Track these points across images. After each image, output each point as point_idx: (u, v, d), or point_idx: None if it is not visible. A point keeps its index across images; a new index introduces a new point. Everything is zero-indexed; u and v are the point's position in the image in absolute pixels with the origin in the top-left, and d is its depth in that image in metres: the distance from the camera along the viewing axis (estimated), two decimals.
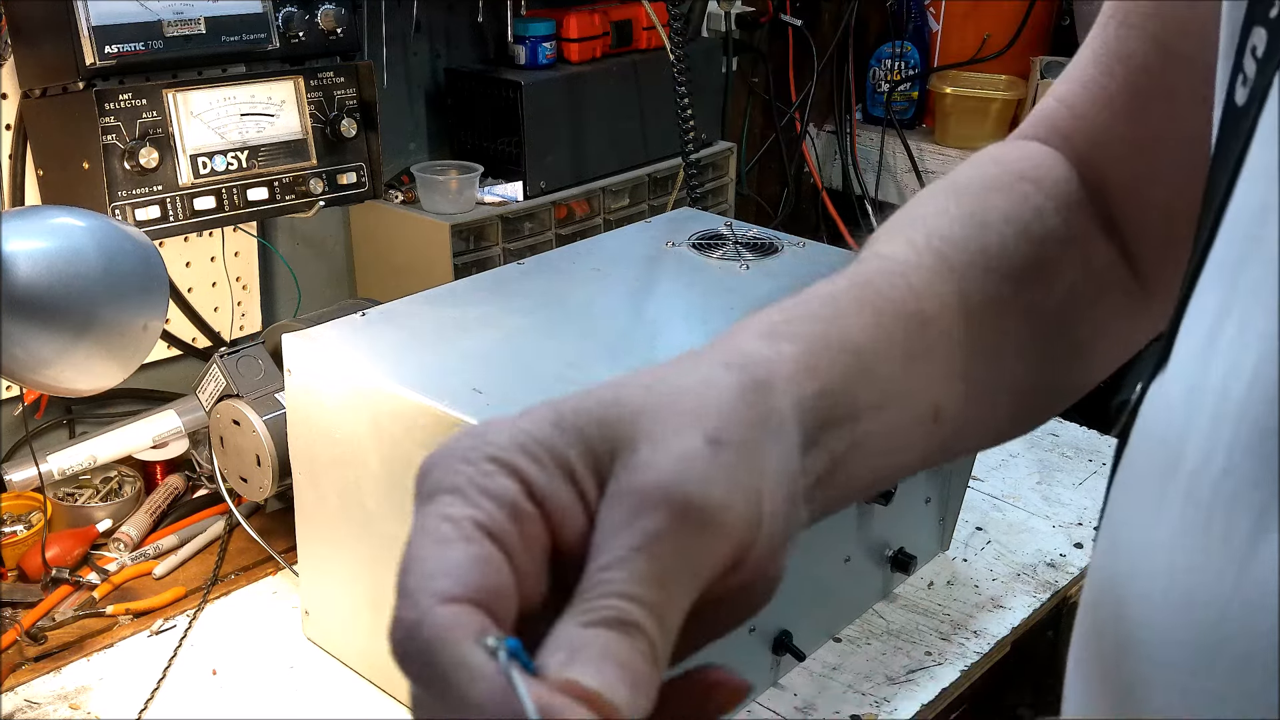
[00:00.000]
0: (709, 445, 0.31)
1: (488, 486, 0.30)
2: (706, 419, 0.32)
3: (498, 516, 0.30)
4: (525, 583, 0.30)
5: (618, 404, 0.32)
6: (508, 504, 0.30)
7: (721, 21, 1.75)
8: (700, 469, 0.30)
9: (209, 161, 1.09)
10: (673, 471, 0.30)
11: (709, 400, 0.33)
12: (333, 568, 0.94)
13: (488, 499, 0.30)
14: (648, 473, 0.30)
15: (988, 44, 1.91)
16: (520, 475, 0.30)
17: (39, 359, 0.81)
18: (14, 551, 1.06)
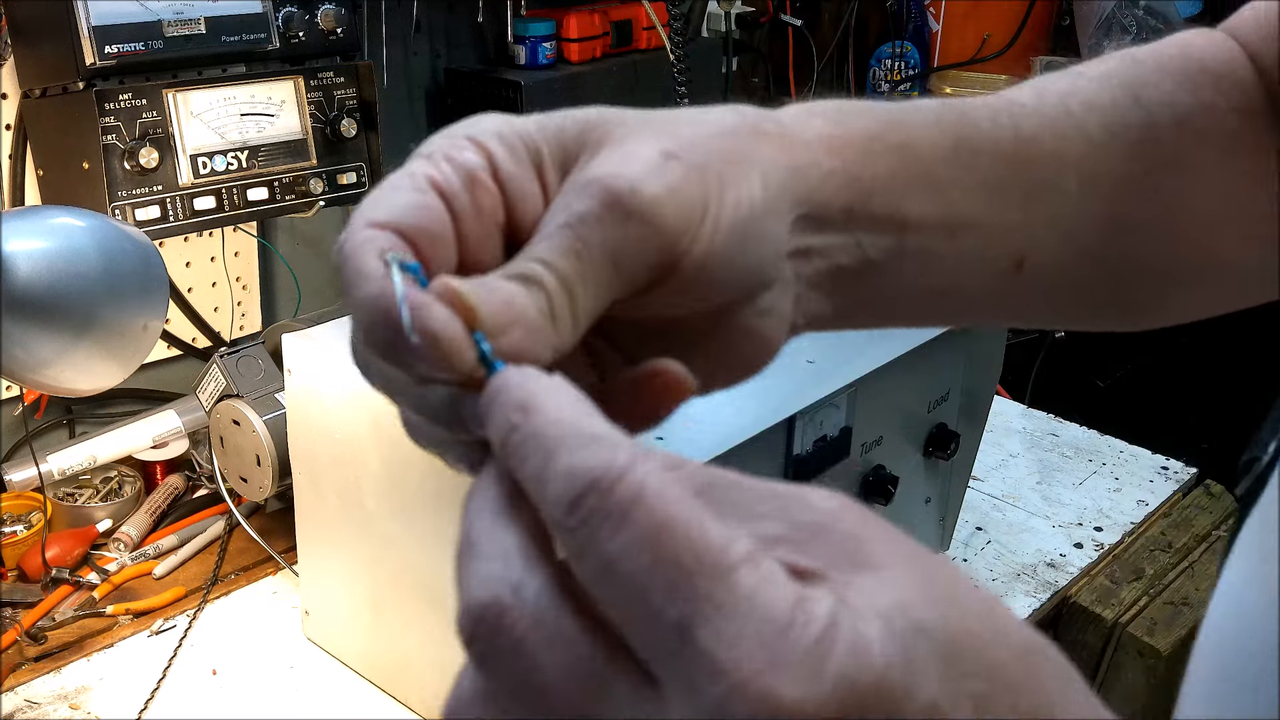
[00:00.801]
0: (661, 156, 0.33)
1: (453, 155, 0.33)
2: (672, 138, 0.34)
3: (451, 178, 0.33)
4: (470, 246, 0.33)
5: (602, 116, 0.35)
6: (465, 171, 0.33)
7: (721, 21, 1.75)
8: (640, 169, 0.33)
9: (209, 161, 1.09)
10: (614, 167, 0.33)
11: (687, 127, 0.35)
12: (333, 568, 0.94)
13: (448, 164, 0.33)
14: (595, 167, 0.33)
15: (988, 44, 1.91)
16: (487, 152, 0.33)
17: (39, 359, 0.81)
18: (14, 551, 1.06)
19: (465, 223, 0.33)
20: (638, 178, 0.32)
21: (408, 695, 0.92)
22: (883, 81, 2.00)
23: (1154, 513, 1.23)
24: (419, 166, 0.33)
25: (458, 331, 0.30)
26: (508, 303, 0.30)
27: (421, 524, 0.84)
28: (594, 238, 0.32)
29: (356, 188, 1.20)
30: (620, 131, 0.34)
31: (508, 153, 0.34)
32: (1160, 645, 1.05)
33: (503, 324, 0.30)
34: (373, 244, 0.31)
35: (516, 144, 0.34)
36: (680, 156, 0.33)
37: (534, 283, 0.31)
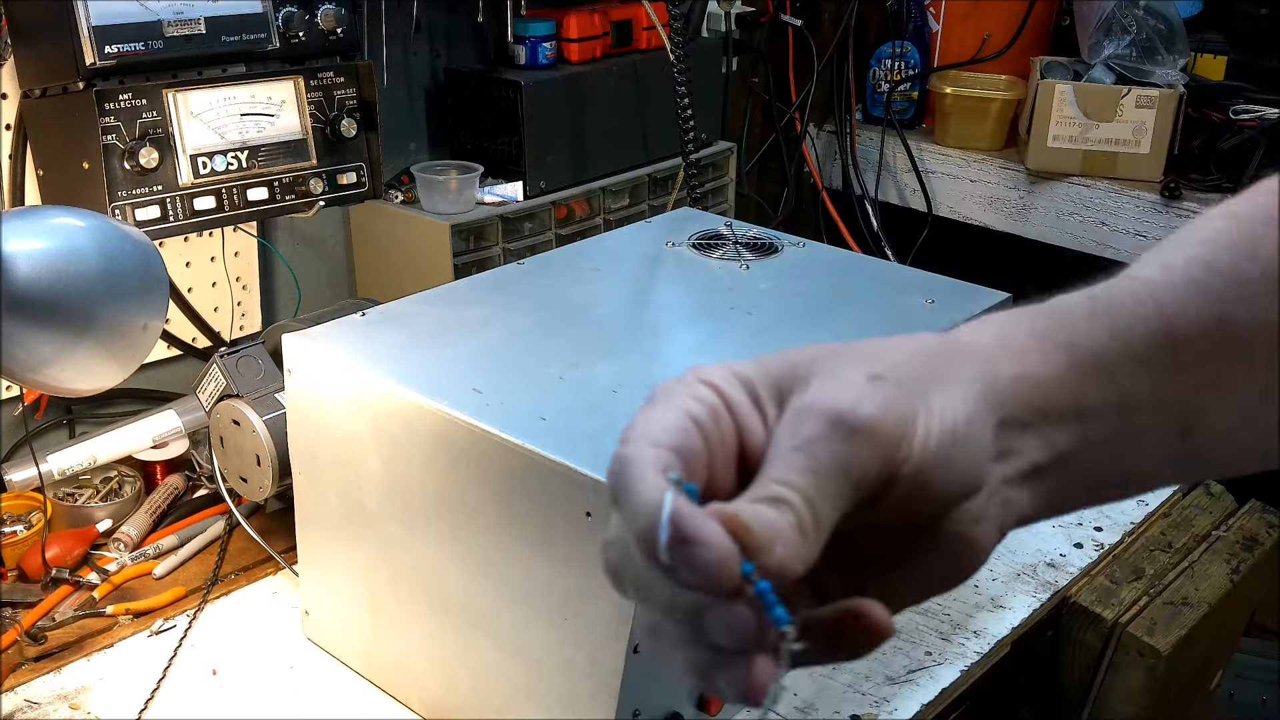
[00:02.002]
0: (870, 379, 0.38)
1: (696, 393, 0.38)
2: (875, 362, 0.39)
3: (701, 412, 0.38)
4: (715, 470, 0.38)
5: (809, 354, 0.40)
6: (710, 407, 0.38)
7: (721, 21, 1.75)
8: (855, 393, 0.37)
9: (209, 161, 1.09)
10: (831, 393, 0.38)
11: (885, 351, 0.40)
12: (333, 568, 0.94)
13: (695, 400, 0.38)
14: (812, 396, 0.38)
15: (988, 44, 1.91)
16: (719, 390, 0.39)
17: (39, 359, 0.81)
18: (14, 551, 1.06)
19: (714, 449, 0.38)
20: (855, 399, 0.37)
21: (408, 695, 0.92)
22: (883, 81, 2.00)
23: (1154, 513, 1.23)
24: (674, 401, 0.38)
25: (730, 548, 0.34)
26: (769, 524, 0.35)
27: (421, 524, 0.84)
28: (824, 455, 0.36)
29: (356, 188, 1.20)
30: (828, 362, 0.39)
31: (736, 391, 0.39)
32: (1160, 645, 1.05)
33: (767, 541, 0.34)
34: (655, 461, 0.36)
35: (739, 383, 0.39)
36: (885, 377, 0.38)
37: (782, 502, 0.35)
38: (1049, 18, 1.96)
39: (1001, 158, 1.90)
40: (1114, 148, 1.75)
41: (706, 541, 0.33)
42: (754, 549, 0.34)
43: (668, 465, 0.36)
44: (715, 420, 0.38)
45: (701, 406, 0.38)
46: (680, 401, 0.38)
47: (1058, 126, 1.76)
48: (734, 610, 0.35)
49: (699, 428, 0.38)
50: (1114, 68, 1.75)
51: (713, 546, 0.33)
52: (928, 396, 0.38)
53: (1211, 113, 1.73)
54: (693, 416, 0.38)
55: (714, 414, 0.38)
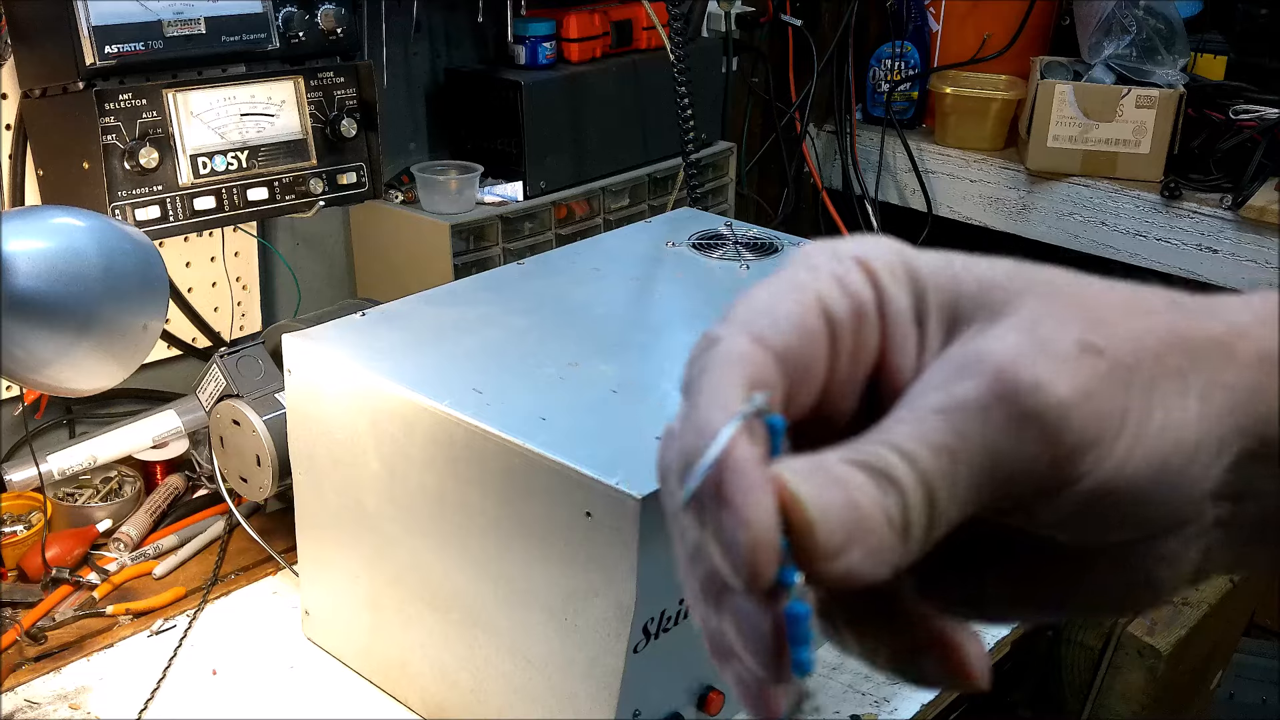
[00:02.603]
0: (1080, 347, 0.27)
1: (846, 279, 0.29)
2: (1096, 324, 0.27)
3: (841, 308, 0.28)
4: (834, 388, 0.29)
5: (1010, 275, 0.29)
6: (856, 303, 0.28)
7: (721, 21, 1.75)
8: (1051, 363, 0.26)
9: (209, 161, 1.09)
10: (1017, 351, 0.27)
11: (1116, 310, 0.28)
12: (333, 568, 0.94)
13: (838, 288, 0.28)
14: (991, 343, 0.27)
15: (988, 44, 1.91)
16: (878, 286, 0.29)
17: (39, 359, 0.81)
18: (14, 551, 1.06)
19: (840, 361, 0.28)
20: (1046, 372, 0.26)
21: (408, 695, 0.92)
22: (883, 81, 2.00)
23: None
24: (808, 279, 0.28)
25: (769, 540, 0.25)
26: (852, 513, 0.25)
27: (421, 524, 0.84)
28: (975, 435, 0.26)
29: (356, 187, 1.20)
30: (1033, 303, 0.28)
31: (900, 289, 0.29)
32: (1160, 645, 1.05)
33: (839, 545, 0.25)
34: (746, 366, 0.27)
35: (907, 282, 0.29)
36: (1104, 351, 0.27)
37: (889, 482, 0.26)
38: (1049, 18, 1.96)
39: (1001, 158, 1.90)
40: (1114, 148, 1.75)
41: (744, 519, 0.25)
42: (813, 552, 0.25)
43: (760, 379, 0.27)
44: (857, 324, 0.28)
45: (845, 301, 0.28)
46: (819, 284, 0.28)
47: (1058, 126, 1.76)
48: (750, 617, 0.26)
49: (829, 329, 0.28)
50: (1114, 68, 1.75)
51: (750, 527, 0.25)
52: (1151, 395, 0.27)
53: (1211, 113, 1.73)
54: (827, 311, 0.28)
55: (858, 314, 0.28)
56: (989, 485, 0.27)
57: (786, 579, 0.25)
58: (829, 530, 0.25)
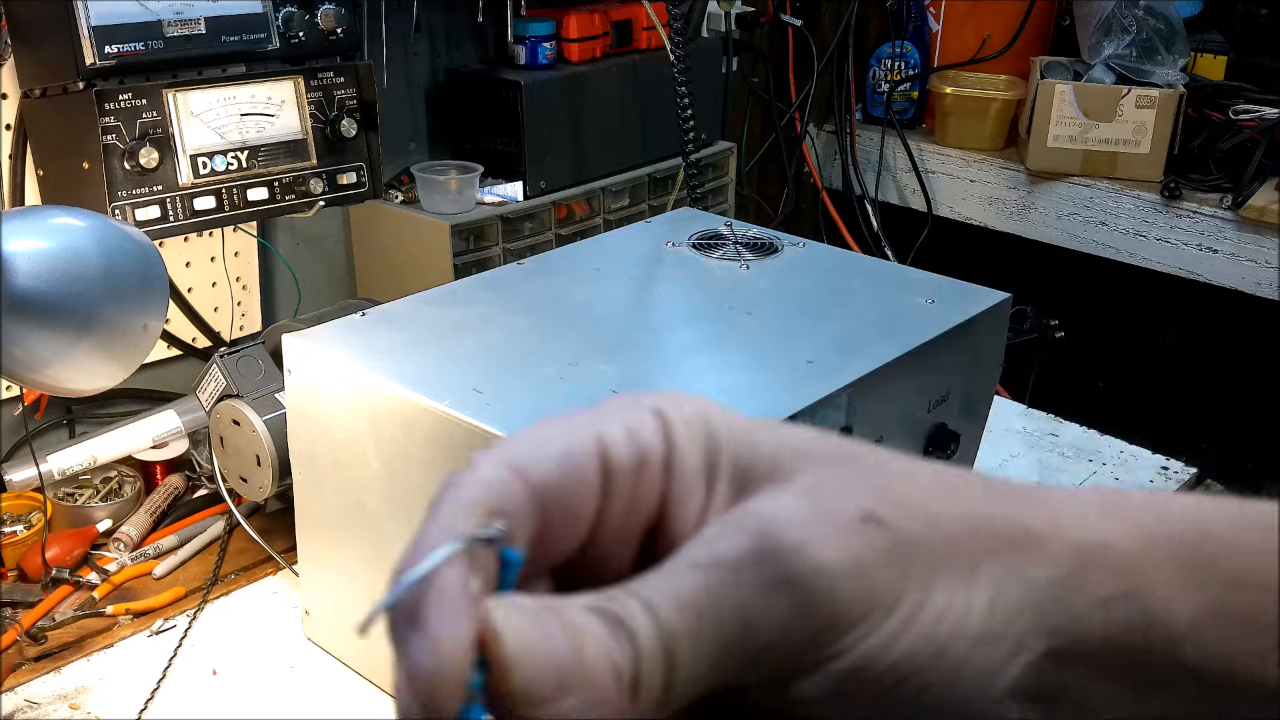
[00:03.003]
0: (861, 518, 0.25)
1: (635, 427, 0.27)
2: (885, 498, 0.26)
3: (623, 451, 0.27)
4: (606, 534, 0.27)
5: (820, 443, 0.28)
6: (640, 451, 0.27)
7: (721, 21, 1.75)
8: (826, 531, 0.25)
9: (209, 161, 1.09)
10: (789, 514, 0.25)
11: (917, 486, 0.27)
12: (333, 568, 0.94)
13: (625, 435, 0.27)
14: (764, 503, 0.26)
15: (988, 44, 1.91)
16: (669, 436, 0.27)
17: (39, 359, 0.81)
18: (14, 551, 1.06)
19: (613, 507, 0.27)
20: (815, 536, 0.25)
21: None
22: (883, 81, 2.00)
23: None
24: (593, 420, 0.27)
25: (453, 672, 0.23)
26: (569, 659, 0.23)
27: None
28: (727, 594, 0.24)
29: (356, 188, 1.20)
30: (824, 470, 0.26)
31: (693, 444, 0.27)
32: None
33: (546, 690, 0.23)
34: (490, 493, 0.25)
35: (703, 439, 0.27)
36: (888, 524, 0.25)
37: (625, 632, 0.24)
38: (1049, 18, 1.96)
39: (1001, 158, 1.90)
40: (1114, 148, 1.75)
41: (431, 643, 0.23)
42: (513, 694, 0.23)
43: (506, 509, 0.25)
44: (637, 473, 0.27)
45: (628, 448, 0.27)
46: (603, 427, 0.27)
47: (1058, 126, 1.76)
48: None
49: (603, 472, 0.26)
50: (1114, 68, 1.75)
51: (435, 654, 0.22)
52: (933, 576, 0.25)
53: (1211, 113, 1.73)
54: (605, 454, 0.26)
55: (639, 463, 0.27)
56: (740, 651, 0.24)
57: (468, 716, 0.23)
58: (533, 672, 0.23)
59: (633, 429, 0.27)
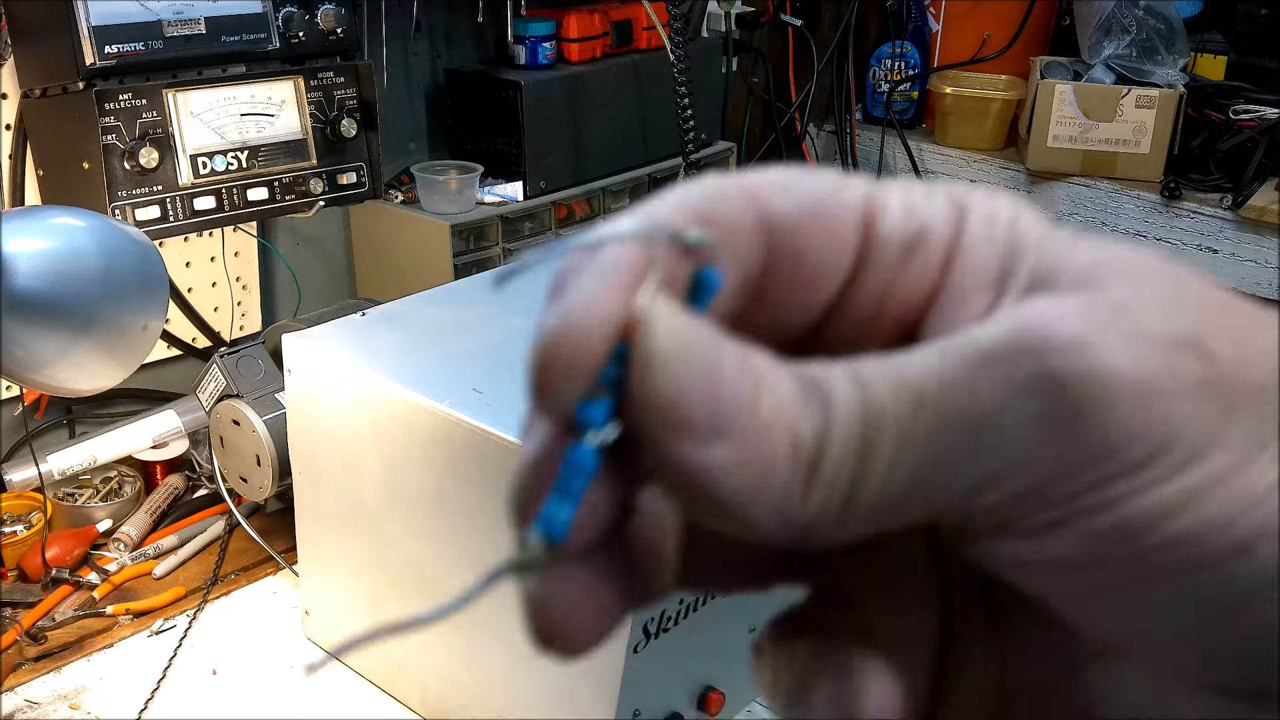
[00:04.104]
0: (1176, 340, 0.18)
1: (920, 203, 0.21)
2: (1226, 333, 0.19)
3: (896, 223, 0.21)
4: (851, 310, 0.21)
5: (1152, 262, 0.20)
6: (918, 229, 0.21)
7: (721, 21, 1.75)
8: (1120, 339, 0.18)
9: (209, 161, 1.09)
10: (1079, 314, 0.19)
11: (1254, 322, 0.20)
12: (333, 568, 0.94)
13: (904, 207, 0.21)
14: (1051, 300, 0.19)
15: (988, 44, 1.91)
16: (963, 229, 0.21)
17: (39, 359, 0.81)
18: (14, 551, 1.06)
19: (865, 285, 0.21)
20: (1105, 339, 0.18)
21: (408, 695, 0.92)
22: (883, 81, 2.00)
23: None
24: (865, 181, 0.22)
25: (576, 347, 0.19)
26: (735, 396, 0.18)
27: (422, 524, 0.84)
28: (965, 387, 0.18)
29: (356, 188, 1.20)
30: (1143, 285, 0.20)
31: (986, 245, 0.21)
32: None
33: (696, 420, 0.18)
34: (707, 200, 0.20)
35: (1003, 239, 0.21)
36: (1213, 356, 0.19)
37: (819, 396, 0.19)
38: (1049, 18, 1.96)
39: (1001, 158, 1.90)
40: (1114, 148, 1.75)
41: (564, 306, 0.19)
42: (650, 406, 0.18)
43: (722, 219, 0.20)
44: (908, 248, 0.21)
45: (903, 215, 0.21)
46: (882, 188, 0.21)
47: (1058, 126, 1.76)
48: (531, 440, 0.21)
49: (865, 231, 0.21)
50: (1114, 68, 1.75)
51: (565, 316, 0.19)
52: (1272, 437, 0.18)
53: (1211, 113, 1.73)
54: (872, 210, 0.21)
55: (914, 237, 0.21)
56: (965, 468, 0.19)
57: (586, 416, 0.19)
58: (682, 384, 0.18)
59: (915, 204, 0.21)
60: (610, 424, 0.19)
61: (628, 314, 0.18)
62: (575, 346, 0.18)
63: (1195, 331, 0.19)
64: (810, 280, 0.21)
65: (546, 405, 0.19)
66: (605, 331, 0.18)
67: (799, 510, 0.19)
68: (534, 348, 0.19)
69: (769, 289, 0.21)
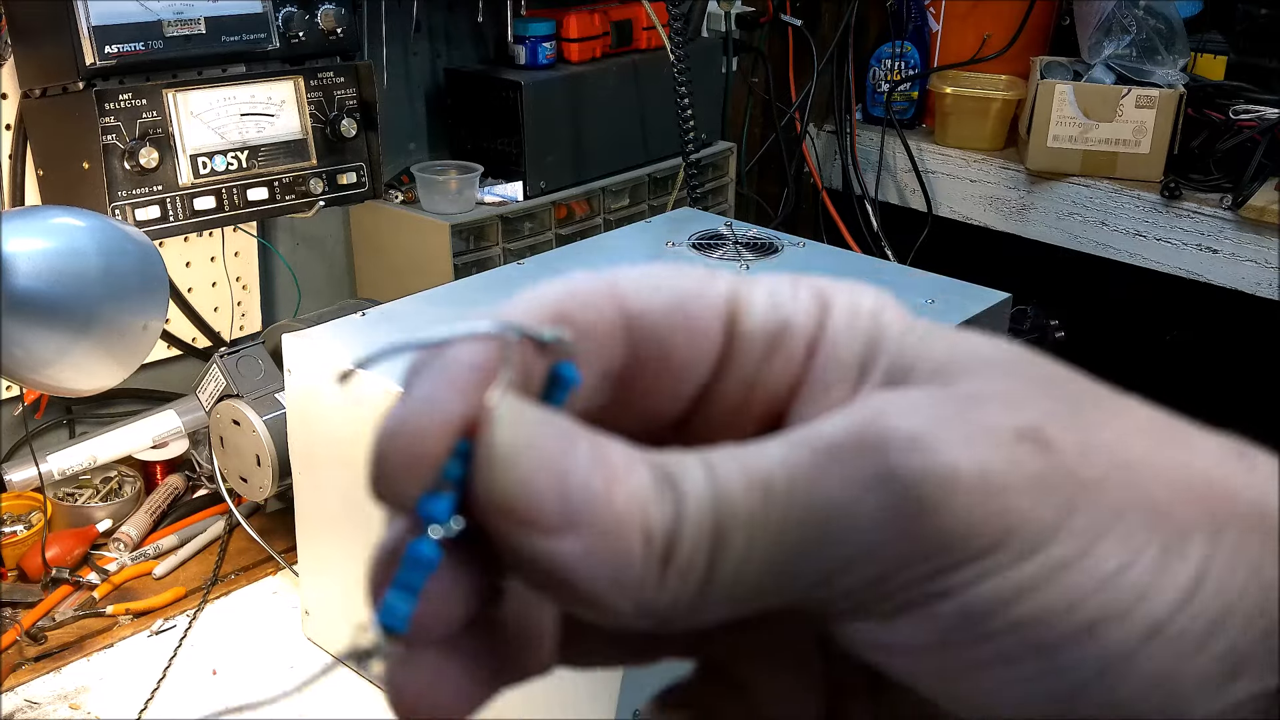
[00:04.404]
0: (1017, 433, 0.19)
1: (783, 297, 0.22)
2: (1067, 424, 0.20)
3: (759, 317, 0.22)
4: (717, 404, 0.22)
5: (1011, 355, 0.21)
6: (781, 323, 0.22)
7: (721, 21, 1.75)
8: (959, 435, 0.19)
9: (209, 161, 1.09)
10: (920, 410, 0.19)
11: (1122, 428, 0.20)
12: (333, 568, 0.94)
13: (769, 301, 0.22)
14: (897, 394, 0.20)
15: (988, 44, 1.91)
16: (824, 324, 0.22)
17: (39, 359, 0.81)
18: (14, 551, 1.06)
19: (730, 379, 0.22)
20: (944, 436, 0.19)
21: None
22: (883, 81, 2.00)
23: None
24: (732, 277, 0.22)
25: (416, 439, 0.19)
26: (589, 491, 0.18)
27: None
28: (810, 480, 0.19)
29: (356, 188, 1.20)
30: (997, 380, 0.20)
31: (848, 337, 0.22)
32: None
33: (546, 511, 0.18)
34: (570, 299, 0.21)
35: (864, 333, 0.22)
36: (1052, 447, 0.19)
37: (671, 487, 0.19)
38: (1049, 18, 1.96)
39: (1001, 158, 1.90)
40: (1114, 148, 1.75)
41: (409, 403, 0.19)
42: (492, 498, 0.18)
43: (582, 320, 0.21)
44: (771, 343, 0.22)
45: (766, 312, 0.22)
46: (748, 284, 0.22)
47: (1058, 126, 1.76)
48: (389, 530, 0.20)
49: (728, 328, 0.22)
50: (1114, 68, 1.75)
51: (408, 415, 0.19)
52: (1109, 526, 0.19)
53: (1211, 113, 1.73)
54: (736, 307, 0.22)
55: (776, 333, 0.22)
56: (813, 554, 0.19)
57: (428, 510, 0.19)
58: (528, 482, 0.18)
59: (779, 300, 0.22)
60: (455, 518, 0.19)
61: (471, 411, 0.19)
62: (412, 442, 0.19)
63: (1037, 423, 0.19)
64: (676, 375, 0.22)
65: (384, 500, 0.19)
66: (445, 428, 0.19)
67: (655, 599, 0.19)
68: (373, 442, 0.19)
69: (635, 382, 0.22)
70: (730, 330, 0.22)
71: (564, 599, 0.19)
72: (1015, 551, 0.19)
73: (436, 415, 0.19)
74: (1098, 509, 0.19)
